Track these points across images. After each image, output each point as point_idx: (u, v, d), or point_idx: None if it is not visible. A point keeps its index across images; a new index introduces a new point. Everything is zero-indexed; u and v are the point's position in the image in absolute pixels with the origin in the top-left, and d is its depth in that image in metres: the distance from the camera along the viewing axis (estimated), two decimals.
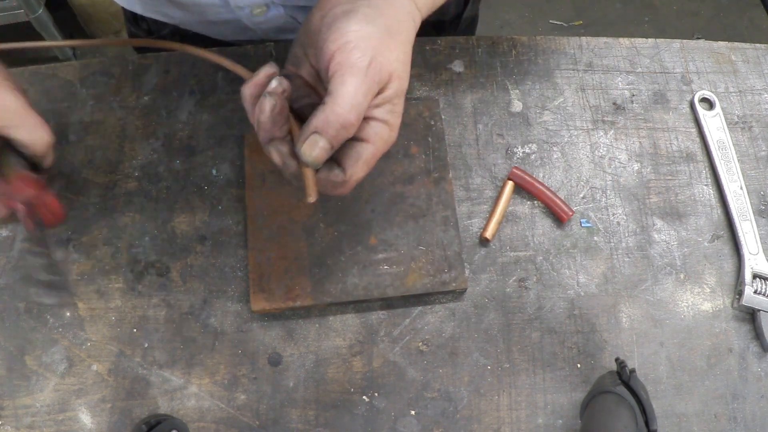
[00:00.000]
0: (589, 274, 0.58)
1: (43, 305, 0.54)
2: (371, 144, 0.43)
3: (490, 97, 0.64)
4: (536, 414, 0.53)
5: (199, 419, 0.52)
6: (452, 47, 0.65)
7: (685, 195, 0.61)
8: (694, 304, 0.57)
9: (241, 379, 0.53)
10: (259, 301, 0.54)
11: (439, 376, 0.54)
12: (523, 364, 0.55)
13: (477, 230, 0.59)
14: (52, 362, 0.53)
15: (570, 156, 0.62)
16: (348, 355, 0.54)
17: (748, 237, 0.59)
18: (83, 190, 0.59)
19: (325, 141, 0.40)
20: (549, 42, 0.66)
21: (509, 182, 0.59)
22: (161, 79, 0.63)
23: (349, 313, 0.56)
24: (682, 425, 0.53)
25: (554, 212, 0.59)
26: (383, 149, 0.44)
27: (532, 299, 0.57)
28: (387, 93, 0.42)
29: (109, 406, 0.52)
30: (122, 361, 0.54)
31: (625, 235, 0.59)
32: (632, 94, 0.65)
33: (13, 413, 0.52)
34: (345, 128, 0.40)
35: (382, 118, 0.43)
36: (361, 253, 0.56)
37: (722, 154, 0.62)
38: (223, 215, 0.58)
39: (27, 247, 0.56)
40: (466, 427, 0.53)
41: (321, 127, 0.40)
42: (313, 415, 0.53)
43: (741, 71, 0.66)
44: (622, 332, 0.56)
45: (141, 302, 0.55)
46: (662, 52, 0.67)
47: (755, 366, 0.55)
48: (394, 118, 0.44)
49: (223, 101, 0.62)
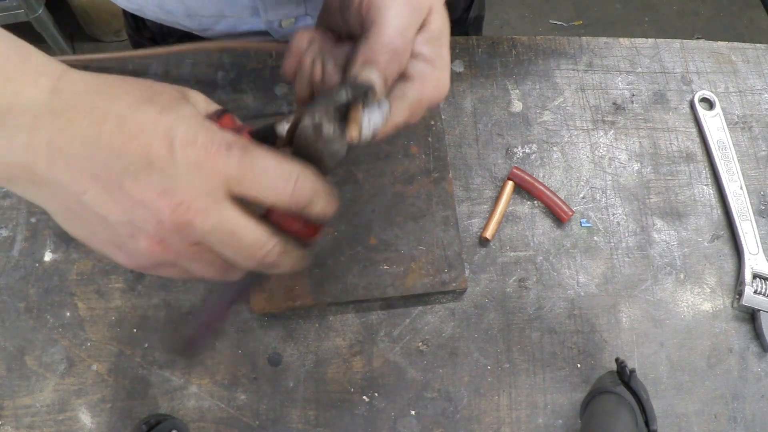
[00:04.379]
0: (589, 274, 0.58)
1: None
2: (417, 82, 0.39)
3: (490, 97, 0.64)
4: (536, 414, 0.53)
5: (199, 419, 0.52)
6: (452, 47, 0.65)
7: (685, 195, 0.61)
8: (694, 304, 0.57)
9: (241, 379, 0.53)
10: (259, 301, 0.54)
11: (439, 376, 0.54)
12: (523, 364, 0.55)
13: (477, 230, 0.59)
14: (52, 362, 0.53)
15: (570, 156, 0.62)
16: (348, 355, 0.54)
17: (748, 237, 0.59)
18: None
19: (377, 73, 0.36)
20: (549, 42, 0.66)
21: (509, 182, 0.59)
22: (161, 79, 0.63)
23: (349, 313, 0.56)
24: (682, 425, 0.53)
25: (554, 212, 0.59)
26: (431, 94, 0.39)
27: (532, 299, 0.57)
28: (431, 27, 0.39)
29: (109, 406, 0.52)
30: (122, 361, 0.54)
31: (625, 235, 0.59)
32: (632, 94, 0.65)
33: (13, 413, 0.52)
34: (396, 55, 0.36)
35: (428, 56, 0.39)
36: (361, 253, 0.56)
37: (722, 154, 0.62)
38: None
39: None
40: (466, 427, 0.53)
41: (369, 57, 0.36)
42: (313, 415, 0.53)
43: (741, 71, 0.66)
44: (622, 332, 0.56)
45: (141, 302, 0.55)
46: (662, 52, 0.67)
47: (755, 366, 0.55)
48: (440, 59, 0.39)
49: (223, 101, 0.62)
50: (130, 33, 0.78)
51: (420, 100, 0.39)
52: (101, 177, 0.30)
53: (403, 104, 0.38)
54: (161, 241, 0.32)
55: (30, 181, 0.31)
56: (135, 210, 0.31)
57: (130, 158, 0.30)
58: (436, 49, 0.39)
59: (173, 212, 0.31)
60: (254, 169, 0.32)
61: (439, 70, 0.39)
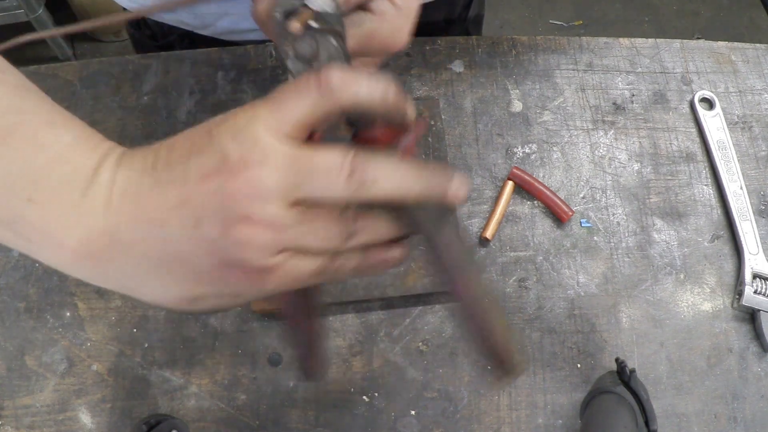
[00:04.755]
0: (589, 274, 0.58)
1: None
2: (376, 16, 0.39)
3: (490, 97, 0.64)
4: (536, 414, 0.53)
5: (199, 419, 0.52)
6: (452, 47, 0.65)
7: (685, 195, 0.61)
8: (694, 304, 0.57)
9: (241, 379, 0.53)
10: (259, 301, 0.54)
11: (439, 376, 0.54)
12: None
13: (477, 230, 0.59)
14: (52, 362, 0.53)
15: (570, 156, 0.62)
16: (348, 355, 0.54)
17: (748, 237, 0.58)
18: None
19: None
20: (549, 42, 0.66)
21: (509, 182, 0.59)
22: (161, 79, 0.63)
23: (349, 313, 0.56)
24: (682, 425, 0.53)
25: (554, 212, 0.59)
26: (387, 34, 0.39)
27: (532, 299, 0.57)
28: None
29: (109, 406, 0.52)
30: (122, 361, 0.54)
31: (625, 235, 0.59)
32: (632, 94, 0.65)
33: (13, 413, 0.52)
34: None
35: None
36: None
37: (722, 154, 0.62)
38: None
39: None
40: (466, 427, 0.53)
41: None
42: (313, 415, 0.53)
43: (741, 71, 0.66)
44: (622, 332, 0.56)
45: (141, 302, 0.55)
46: (662, 52, 0.67)
47: (755, 366, 0.55)
48: (407, 7, 0.40)
49: (222, 101, 0.62)
50: (131, 31, 0.79)
51: (373, 35, 0.39)
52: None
53: (356, 31, 0.38)
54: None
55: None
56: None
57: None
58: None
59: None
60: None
61: (403, 17, 0.39)
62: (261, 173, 0.26)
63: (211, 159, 0.26)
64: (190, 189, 0.27)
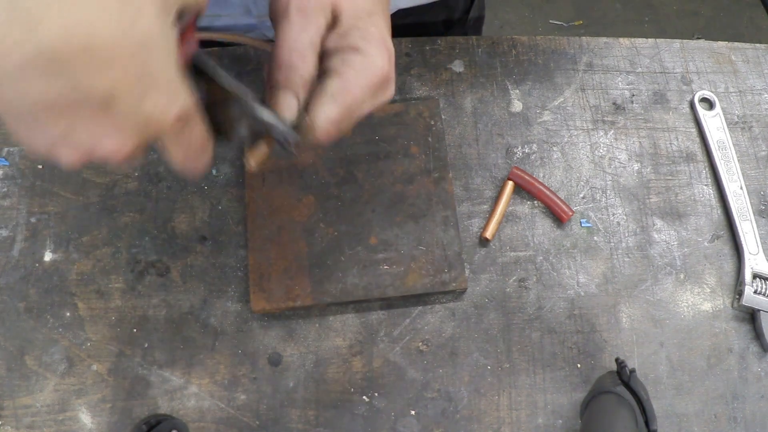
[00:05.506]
0: (589, 274, 0.58)
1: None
2: (338, 76, 0.39)
3: (490, 97, 0.64)
4: (536, 414, 0.53)
5: (199, 419, 0.52)
6: (452, 47, 0.65)
7: (685, 195, 0.61)
8: (694, 304, 0.57)
9: (241, 379, 0.53)
10: (259, 301, 0.54)
11: (439, 376, 0.54)
12: (523, 364, 0.55)
13: (477, 230, 0.59)
14: (52, 362, 0.53)
15: (570, 156, 0.62)
16: (348, 355, 0.54)
17: (748, 237, 0.59)
18: (83, 190, 0.59)
19: (279, 89, 0.38)
20: (549, 42, 0.66)
21: (509, 182, 0.59)
22: None
23: (349, 313, 0.56)
24: (682, 425, 0.53)
25: (554, 212, 0.59)
26: (361, 79, 0.39)
27: (532, 299, 0.57)
28: (342, 17, 0.39)
29: (109, 406, 0.52)
30: (122, 361, 0.54)
31: (625, 235, 0.59)
32: (632, 94, 0.65)
33: (13, 413, 0.52)
34: (291, 69, 0.38)
35: (352, 45, 0.39)
36: (361, 253, 0.56)
37: (722, 154, 0.62)
38: (223, 215, 0.58)
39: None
40: (466, 427, 0.53)
41: (271, 78, 0.38)
42: (313, 415, 0.53)
43: (741, 71, 0.66)
44: (622, 332, 0.56)
45: (141, 302, 0.55)
46: (662, 52, 0.67)
47: (755, 366, 0.55)
48: (367, 43, 0.39)
49: None
50: None
51: (348, 90, 0.38)
52: None
53: (326, 99, 0.38)
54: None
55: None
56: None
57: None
58: (361, 37, 0.39)
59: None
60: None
61: (368, 56, 0.39)
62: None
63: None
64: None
